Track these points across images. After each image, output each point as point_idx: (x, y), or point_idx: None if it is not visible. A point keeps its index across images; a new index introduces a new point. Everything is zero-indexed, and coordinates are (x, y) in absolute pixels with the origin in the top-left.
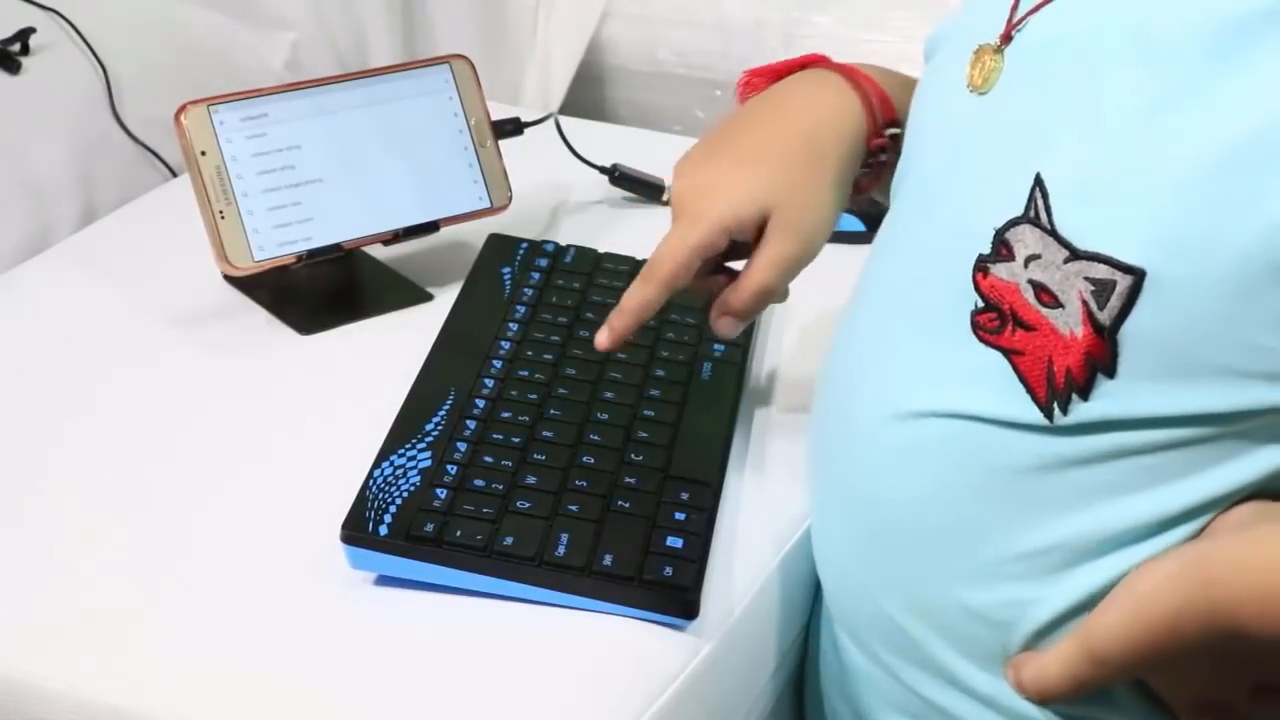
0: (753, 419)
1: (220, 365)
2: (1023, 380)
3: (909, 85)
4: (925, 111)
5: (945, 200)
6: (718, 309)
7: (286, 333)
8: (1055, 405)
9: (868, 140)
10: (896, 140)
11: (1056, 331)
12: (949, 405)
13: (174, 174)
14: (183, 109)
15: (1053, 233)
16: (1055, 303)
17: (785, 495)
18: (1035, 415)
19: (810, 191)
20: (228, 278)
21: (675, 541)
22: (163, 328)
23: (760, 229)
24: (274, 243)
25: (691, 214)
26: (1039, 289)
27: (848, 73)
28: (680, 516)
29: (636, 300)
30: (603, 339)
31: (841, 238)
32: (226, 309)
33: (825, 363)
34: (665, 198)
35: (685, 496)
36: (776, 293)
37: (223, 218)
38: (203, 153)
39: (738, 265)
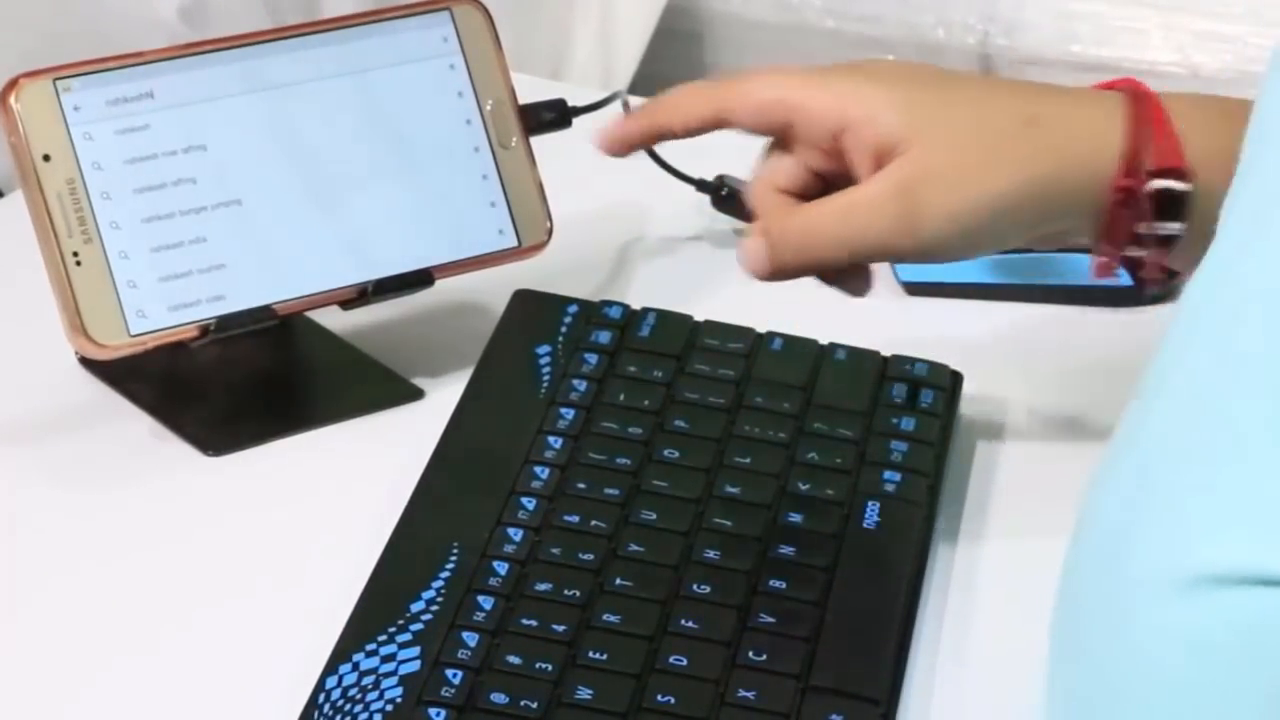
0: (948, 594)
1: (72, 506)
2: None
3: None
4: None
5: None
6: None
7: (183, 452)
8: None
9: (1115, 179)
10: (1172, 203)
11: None
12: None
13: None
14: (13, 85)
15: None
16: None
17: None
18: None
19: (982, 156)
20: (87, 361)
21: None
22: None
23: (881, 161)
24: (162, 305)
25: (785, 73)
26: None
27: (1138, 94)
28: None
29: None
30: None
31: (1102, 298)
32: (84, 412)
33: (1086, 498)
34: None
35: None
36: (833, 255)
37: (79, 264)
38: (45, 157)
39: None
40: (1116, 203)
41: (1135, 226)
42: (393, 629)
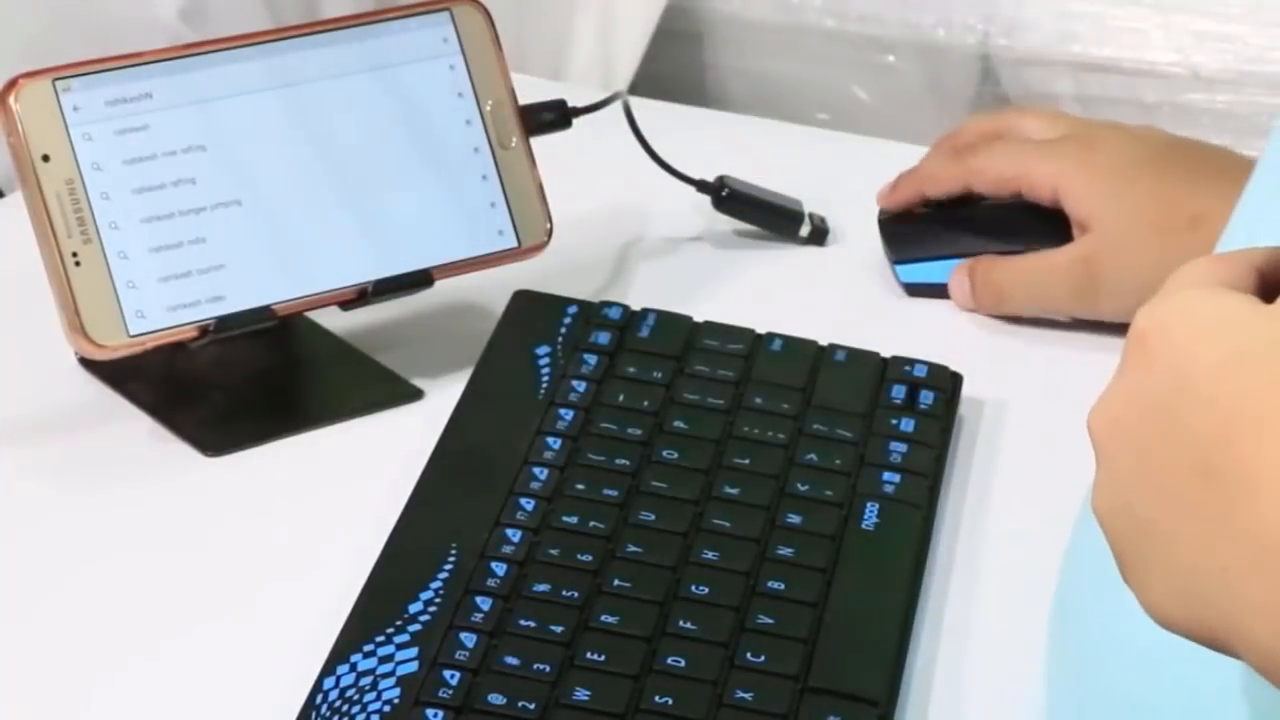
0: (947, 595)
1: (72, 506)
2: None
3: None
4: None
5: None
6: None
7: (182, 452)
8: None
9: None
10: None
11: None
12: None
13: None
14: (12, 85)
15: None
16: None
17: None
18: None
19: (1152, 249)
20: (86, 361)
21: None
22: None
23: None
24: (161, 305)
25: (1019, 146)
26: None
27: None
28: None
29: None
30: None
31: None
32: (83, 413)
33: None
34: (803, 232)
35: None
36: (1022, 308)
37: (78, 264)
38: (45, 157)
39: None
40: None
41: None
42: (391, 630)
